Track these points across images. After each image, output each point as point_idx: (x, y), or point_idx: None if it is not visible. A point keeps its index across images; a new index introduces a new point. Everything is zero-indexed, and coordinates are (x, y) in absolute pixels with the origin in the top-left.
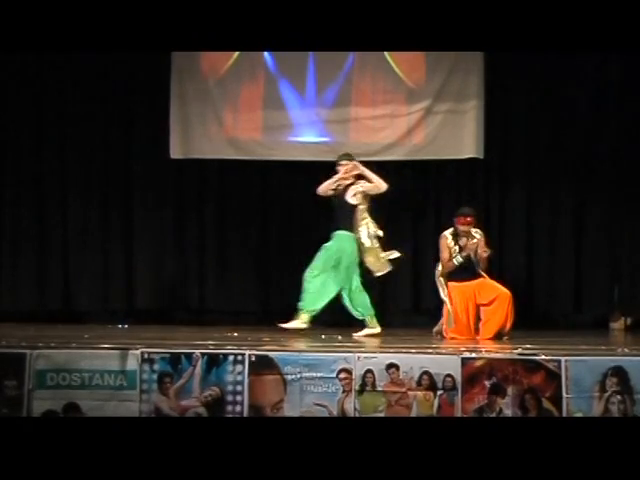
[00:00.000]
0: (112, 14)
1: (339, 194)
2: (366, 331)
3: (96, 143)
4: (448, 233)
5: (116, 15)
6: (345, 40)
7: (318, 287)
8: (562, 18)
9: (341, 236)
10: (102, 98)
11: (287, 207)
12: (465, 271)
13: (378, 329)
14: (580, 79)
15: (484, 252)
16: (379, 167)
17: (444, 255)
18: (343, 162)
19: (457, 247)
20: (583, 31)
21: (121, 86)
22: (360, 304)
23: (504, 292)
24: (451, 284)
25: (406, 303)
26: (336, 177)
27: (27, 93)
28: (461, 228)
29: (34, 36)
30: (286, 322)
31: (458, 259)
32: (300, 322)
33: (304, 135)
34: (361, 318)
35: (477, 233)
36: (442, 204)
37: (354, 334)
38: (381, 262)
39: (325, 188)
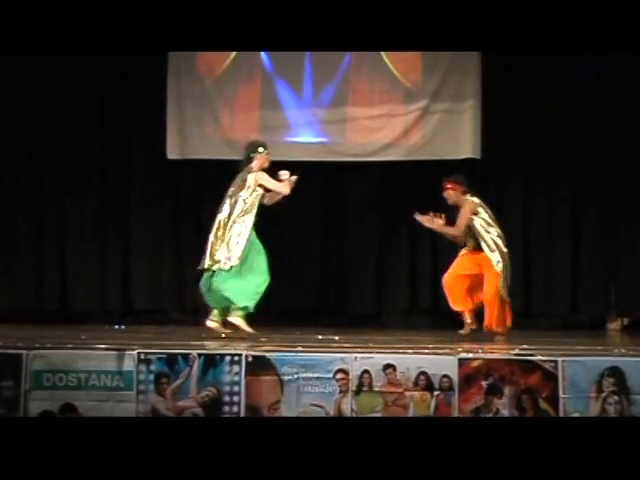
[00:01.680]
0: (109, 14)
1: None
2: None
3: (93, 143)
4: None
5: (113, 15)
6: (342, 40)
7: None
8: (559, 18)
9: None
10: (99, 98)
11: (283, 207)
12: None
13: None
14: (577, 79)
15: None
16: (376, 168)
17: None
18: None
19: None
20: (580, 31)
21: (118, 86)
22: None
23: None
24: None
25: (403, 303)
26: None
27: (23, 93)
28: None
29: (30, 36)
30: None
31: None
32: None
33: (301, 135)
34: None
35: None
36: (439, 204)
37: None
38: None
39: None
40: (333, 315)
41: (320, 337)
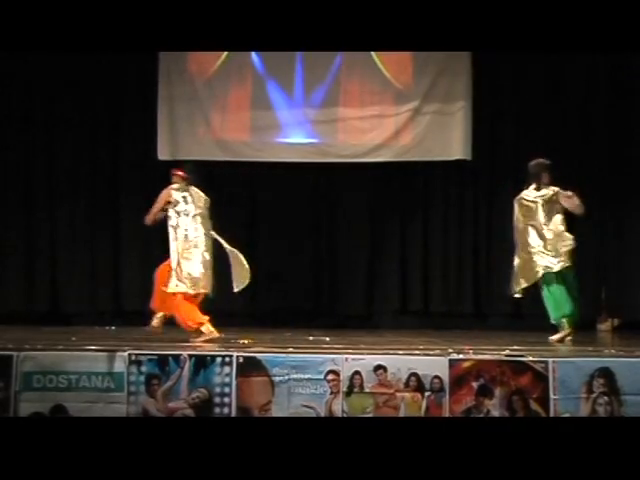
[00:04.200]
0: (99, 15)
1: None
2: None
3: (84, 144)
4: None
5: (103, 16)
6: (333, 40)
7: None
8: (551, 19)
9: None
10: (90, 99)
11: (276, 208)
12: None
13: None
14: (569, 80)
15: None
16: (367, 169)
17: None
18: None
19: None
20: (571, 31)
21: (108, 87)
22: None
23: None
24: None
25: (394, 304)
26: None
27: (15, 95)
28: None
29: (21, 37)
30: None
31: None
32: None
33: (292, 136)
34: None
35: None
36: (430, 205)
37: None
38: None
39: None
40: (324, 316)
41: (311, 338)
